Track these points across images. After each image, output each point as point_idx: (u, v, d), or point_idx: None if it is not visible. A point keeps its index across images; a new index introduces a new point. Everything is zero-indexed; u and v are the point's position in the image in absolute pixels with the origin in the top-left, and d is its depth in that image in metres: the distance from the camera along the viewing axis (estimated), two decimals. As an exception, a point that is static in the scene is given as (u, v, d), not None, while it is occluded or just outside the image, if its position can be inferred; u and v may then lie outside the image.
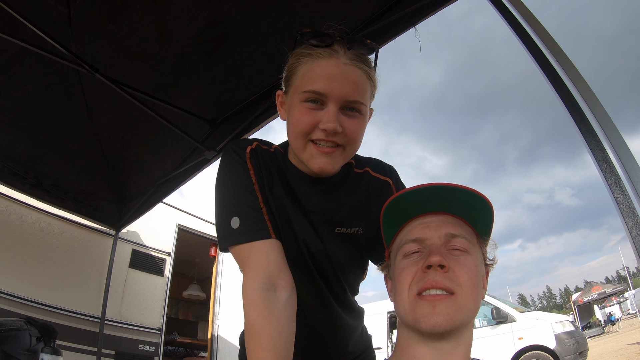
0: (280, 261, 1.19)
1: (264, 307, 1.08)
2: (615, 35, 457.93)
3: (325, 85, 1.16)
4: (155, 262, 6.10)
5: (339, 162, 1.24)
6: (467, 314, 0.98)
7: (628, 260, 71.96)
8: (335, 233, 1.35)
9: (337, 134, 1.18)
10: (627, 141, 1.60)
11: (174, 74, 3.23)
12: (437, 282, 0.97)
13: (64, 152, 4.15)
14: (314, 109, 1.18)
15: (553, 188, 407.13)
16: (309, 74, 1.20)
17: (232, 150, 1.33)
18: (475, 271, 1.02)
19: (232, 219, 1.21)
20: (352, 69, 1.19)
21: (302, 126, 1.19)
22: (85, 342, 4.76)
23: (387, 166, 1.49)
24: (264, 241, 1.19)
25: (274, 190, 1.31)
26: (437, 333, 0.96)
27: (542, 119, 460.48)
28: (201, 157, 3.79)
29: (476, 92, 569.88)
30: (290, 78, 1.28)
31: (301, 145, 1.22)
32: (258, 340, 1.05)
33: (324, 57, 1.20)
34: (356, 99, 1.19)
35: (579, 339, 8.94)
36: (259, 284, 1.11)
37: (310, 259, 1.33)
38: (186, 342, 7.98)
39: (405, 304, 1.00)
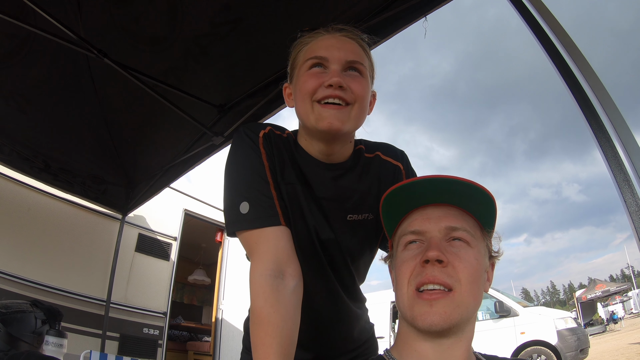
0: (289, 249, 1.18)
1: (272, 294, 1.08)
2: (629, 29, 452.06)
3: (326, 50, 1.25)
4: (162, 246, 6.15)
5: (348, 122, 1.22)
6: (466, 310, 0.97)
7: (633, 259, 71.65)
8: (347, 220, 1.35)
9: (343, 90, 1.20)
10: (638, 139, 1.59)
11: (185, 58, 3.22)
12: (435, 278, 0.95)
13: (72, 137, 4.17)
14: (318, 72, 1.23)
15: (561, 183, 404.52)
16: (310, 48, 1.29)
17: (245, 134, 1.31)
18: (475, 265, 1.00)
19: (241, 203, 1.20)
20: (348, 39, 1.30)
21: (307, 87, 1.22)
22: (90, 324, 4.83)
23: (398, 150, 1.48)
24: (274, 228, 1.18)
25: (286, 176, 1.30)
26: (435, 332, 0.95)
27: (552, 113, 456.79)
28: (209, 143, 3.80)
29: (487, 82, 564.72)
30: (293, 63, 1.35)
31: (309, 108, 1.22)
32: (264, 327, 1.05)
33: (321, 34, 1.30)
34: (355, 59, 1.25)
35: (580, 336, 8.92)
36: (268, 270, 1.11)
37: (320, 246, 1.32)
38: (190, 326, 8.05)
39: (405, 299, 1.00)
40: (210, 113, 3.70)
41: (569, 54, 1.83)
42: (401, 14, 2.69)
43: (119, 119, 4.05)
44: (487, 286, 1.07)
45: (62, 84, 3.54)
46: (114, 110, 3.95)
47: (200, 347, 7.42)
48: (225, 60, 3.24)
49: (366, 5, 2.80)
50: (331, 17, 2.86)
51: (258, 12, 2.85)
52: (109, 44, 2.96)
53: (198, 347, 7.45)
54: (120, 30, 3.00)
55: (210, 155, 4.00)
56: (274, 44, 3.07)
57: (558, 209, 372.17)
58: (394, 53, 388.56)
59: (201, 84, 3.48)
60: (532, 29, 2.01)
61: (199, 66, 3.29)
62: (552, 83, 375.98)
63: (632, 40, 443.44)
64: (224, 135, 3.67)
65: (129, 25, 2.96)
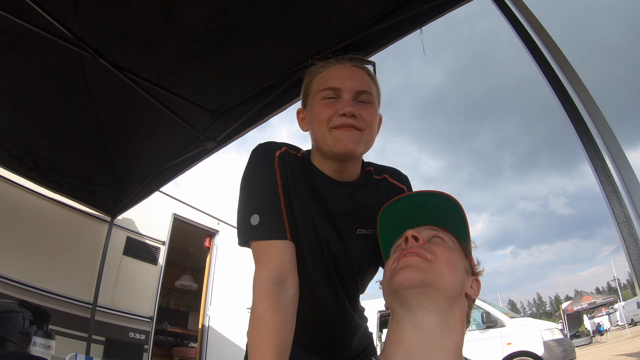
0: (292, 261, 1.27)
1: (274, 299, 1.16)
2: (618, 45, 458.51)
3: (338, 80, 1.35)
4: (150, 250, 6.10)
5: (361, 143, 1.33)
6: (440, 278, 1.03)
7: (619, 271, 72.34)
8: (357, 234, 1.44)
9: (355, 118, 1.31)
10: (626, 152, 1.61)
11: (178, 62, 3.23)
12: (412, 249, 1.08)
13: (64, 136, 4.14)
14: (332, 101, 1.34)
15: (547, 196, 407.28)
16: (323, 78, 1.39)
17: (263, 153, 1.41)
18: (452, 252, 1.11)
19: (252, 215, 1.29)
20: (357, 69, 1.40)
21: (323, 115, 1.33)
22: (76, 327, 4.76)
23: (403, 175, 1.59)
24: (280, 241, 1.27)
25: (299, 193, 1.39)
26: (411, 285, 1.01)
27: (540, 126, 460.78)
28: (201, 147, 3.79)
29: (476, 95, 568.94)
30: (307, 91, 1.46)
31: (326, 133, 1.33)
32: (265, 327, 1.12)
33: (333, 64, 1.41)
34: (365, 89, 1.36)
35: (567, 347, 8.97)
36: (272, 278, 1.19)
37: (329, 257, 1.41)
38: (176, 331, 7.99)
39: (387, 277, 1.11)
40: (203, 117, 3.70)
41: (560, 67, 1.86)
42: (396, 26, 2.73)
43: (111, 120, 4.03)
44: (472, 293, 1.12)
45: (55, 82, 3.52)
46: (106, 111, 3.93)
47: (186, 353, 7.37)
48: (219, 65, 3.24)
49: (361, 16, 2.83)
50: (326, 28, 2.89)
51: (252, 19, 2.87)
52: (103, 44, 2.95)
53: (184, 353, 7.39)
54: (116, 31, 3.00)
55: (201, 159, 3.98)
56: (267, 51, 3.09)
57: (545, 221, 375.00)
58: (385, 63, 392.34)
59: (194, 88, 3.47)
60: (524, 43, 2.04)
61: (192, 71, 3.30)
62: (541, 97, 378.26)
63: (621, 55, 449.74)
64: (217, 140, 3.67)
65: (125, 27, 2.96)
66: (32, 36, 2.98)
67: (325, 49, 2.95)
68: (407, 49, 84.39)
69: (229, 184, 30.91)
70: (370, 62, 1.48)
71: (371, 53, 2.86)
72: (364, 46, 2.88)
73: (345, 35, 2.90)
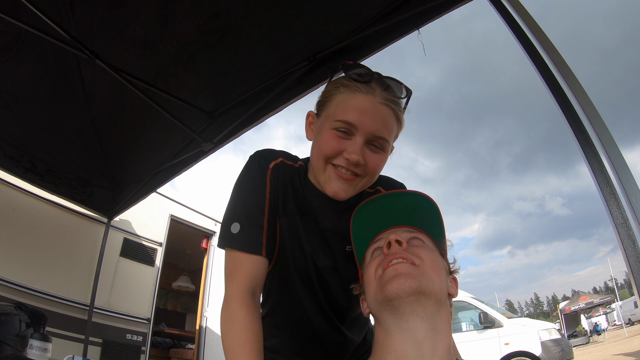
0: (262, 276, 1.30)
1: (251, 307, 1.21)
2: (614, 47, 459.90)
3: (357, 117, 1.22)
4: (147, 251, 6.09)
5: (353, 191, 1.30)
6: (431, 282, 1.02)
7: (616, 271, 72.65)
8: (347, 251, 1.41)
9: (359, 166, 1.24)
10: (623, 154, 1.62)
11: (174, 64, 3.22)
12: (397, 253, 1.06)
13: (60, 138, 4.13)
14: (341, 137, 1.24)
15: (544, 197, 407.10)
16: (344, 104, 1.26)
17: (258, 163, 1.40)
18: (435, 255, 1.11)
19: (233, 223, 1.31)
20: (384, 108, 1.25)
21: (327, 150, 1.25)
22: (73, 329, 4.75)
23: (397, 184, 1.54)
24: (255, 256, 1.28)
25: (287, 208, 1.39)
26: (404, 294, 0.99)
27: (537, 127, 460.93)
28: (198, 149, 3.78)
29: (473, 96, 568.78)
30: (324, 103, 1.34)
31: (322, 166, 1.28)
32: (245, 332, 1.16)
33: (360, 91, 1.26)
34: (383, 136, 1.25)
35: (564, 347, 8.99)
36: (248, 288, 1.24)
37: (315, 272, 1.42)
38: (174, 333, 7.97)
39: (374, 286, 1.08)
40: (200, 119, 3.69)
41: (558, 68, 1.86)
42: (393, 27, 2.72)
43: (108, 121, 4.02)
44: (453, 292, 1.14)
45: (51, 84, 3.51)
46: (103, 112, 3.92)
47: (183, 355, 7.35)
48: (214, 67, 3.24)
49: (358, 19, 2.83)
50: (322, 29, 2.89)
51: (247, 21, 2.86)
52: (100, 45, 2.94)
53: (181, 355, 7.38)
54: (112, 33, 2.99)
55: (198, 161, 3.97)
56: (263, 52, 3.09)
57: (541, 222, 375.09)
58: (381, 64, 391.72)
59: (191, 89, 3.47)
60: (521, 44, 2.04)
61: (188, 72, 3.30)
62: (537, 98, 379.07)
63: (617, 58, 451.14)
64: (213, 141, 3.66)
65: (121, 28, 2.96)
66: (29, 37, 2.97)
67: (321, 51, 2.95)
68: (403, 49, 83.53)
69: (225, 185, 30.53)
70: (406, 91, 1.33)
71: (368, 54, 2.85)
72: (361, 48, 2.88)
73: (341, 37, 2.90)
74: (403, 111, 1.34)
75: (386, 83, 1.28)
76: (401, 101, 1.33)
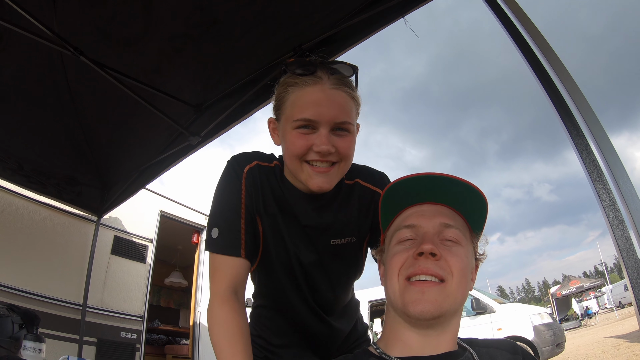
0: (244, 276, 1.35)
1: (233, 305, 1.26)
2: (600, 35, 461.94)
3: (315, 111, 1.26)
4: (138, 248, 6.06)
5: (335, 179, 1.34)
6: (455, 302, 1.01)
7: (606, 255, 73.50)
8: (331, 245, 1.47)
9: (331, 154, 1.28)
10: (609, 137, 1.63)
11: (159, 59, 3.19)
12: (428, 269, 0.99)
13: (46, 137, 4.08)
14: (306, 133, 1.28)
15: (532, 183, 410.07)
16: (298, 102, 1.29)
17: (232, 169, 1.43)
18: (466, 262, 1.05)
19: (213, 229, 1.37)
20: (336, 92, 1.29)
21: (297, 150, 1.28)
22: (66, 329, 4.72)
23: (377, 174, 1.56)
24: (234, 258, 1.33)
25: (268, 208, 1.43)
26: (425, 319, 0.98)
27: (524, 115, 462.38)
28: (185, 143, 3.76)
29: (459, 85, 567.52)
30: (280, 107, 1.37)
31: (297, 167, 1.31)
32: (229, 328, 1.22)
33: (309, 85, 1.29)
34: (344, 120, 1.28)
35: (556, 331, 9.10)
36: (229, 288, 1.29)
37: (299, 268, 1.47)
38: (168, 329, 7.97)
39: (395, 288, 1.03)
40: (187, 113, 3.67)
41: (545, 56, 1.86)
42: (378, 16, 2.71)
43: (94, 119, 3.97)
44: (471, 285, 1.11)
45: (36, 83, 3.45)
46: (88, 110, 3.87)
47: (178, 351, 7.35)
48: (200, 60, 3.22)
49: (344, 8, 2.81)
50: (307, 20, 2.87)
51: (232, 13, 2.83)
52: (84, 43, 2.89)
53: (176, 351, 7.38)
54: (95, 30, 2.94)
55: (187, 155, 3.96)
56: (249, 45, 3.07)
57: (530, 208, 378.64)
58: (367, 54, 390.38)
59: (176, 84, 3.44)
60: (508, 32, 2.05)
61: (173, 66, 3.26)
62: (524, 86, 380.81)
63: (603, 45, 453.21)
64: (201, 135, 3.64)
65: (104, 25, 2.91)
66: (11, 36, 2.92)
67: (307, 41, 2.94)
68: (388, 39, 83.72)
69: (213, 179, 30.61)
70: (352, 69, 1.37)
71: (354, 44, 2.85)
72: (346, 37, 2.87)
73: (326, 27, 2.88)
74: (355, 88, 1.37)
75: (331, 68, 1.32)
76: (351, 79, 1.37)
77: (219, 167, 1.53)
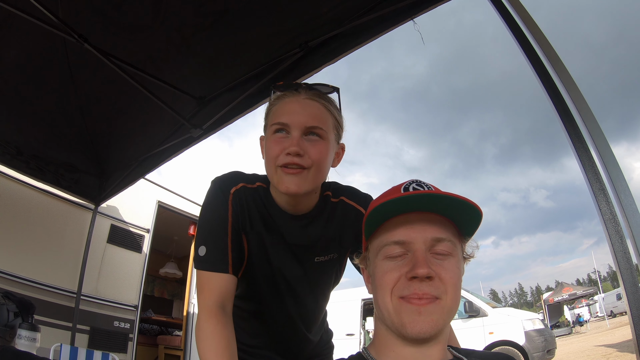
0: (231, 292, 1.40)
1: (221, 319, 1.31)
2: (603, 43, 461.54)
3: (288, 116, 1.37)
4: (134, 238, 6.05)
5: (305, 184, 1.36)
6: (450, 316, 1.00)
7: (600, 264, 73.83)
8: (316, 262, 1.56)
9: (301, 157, 1.33)
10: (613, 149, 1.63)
11: (166, 48, 3.17)
12: (424, 294, 0.96)
13: (47, 124, 4.07)
14: (281, 138, 1.37)
15: (528, 188, 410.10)
16: (277, 111, 1.41)
17: (219, 189, 1.48)
18: (458, 273, 1.02)
19: (200, 247, 1.41)
20: (311, 102, 1.40)
21: (271, 153, 1.36)
22: (60, 317, 4.72)
23: (361, 195, 1.61)
24: (222, 274, 1.38)
25: (254, 227, 1.49)
26: (423, 339, 0.97)
27: (523, 119, 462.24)
28: (187, 135, 3.75)
29: (460, 87, 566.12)
30: (266, 120, 1.48)
31: (273, 172, 1.37)
32: (217, 341, 1.26)
33: (288, 97, 1.42)
34: (315, 125, 1.37)
35: (547, 337, 9.14)
36: (217, 302, 1.34)
37: (284, 284, 1.56)
38: (161, 320, 7.96)
39: (389, 307, 0.99)
40: (189, 105, 3.65)
41: (550, 62, 1.86)
42: (387, 16, 2.70)
43: (95, 107, 3.95)
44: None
45: (38, 69, 3.44)
46: (90, 98, 3.85)
47: (171, 342, 7.34)
48: (207, 52, 3.20)
49: (352, 5, 2.80)
50: (316, 16, 2.86)
51: (243, 4, 2.82)
52: (88, 29, 2.88)
53: (169, 342, 7.37)
54: (101, 16, 2.93)
55: (187, 147, 3.93)
56: (256, 38, 3.06)
57: (526, 213, 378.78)
58: (368, 52, 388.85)
59: (181, 74, 3.42)
60: (514, 35, 2.04)
61: (179, 57, 3.24)
62: (525, 90, 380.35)
63: (606, 53, 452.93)
64: (203, 127, 3.63)
65: (111, 12, 2.89)
66: (14, 21, 2.90)
67: (314, 37, 2.93)
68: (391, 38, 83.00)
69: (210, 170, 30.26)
70: (333, 90, 1.48)
71: (362, 43, 2.84)
72: (353, 36, 2.86)
73: (335, 23, 2.87)
74: (337, 106, 1.48)
75: (311, 86, 1.44)
76: (330, 96, 1.48)
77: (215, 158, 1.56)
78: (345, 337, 10.19)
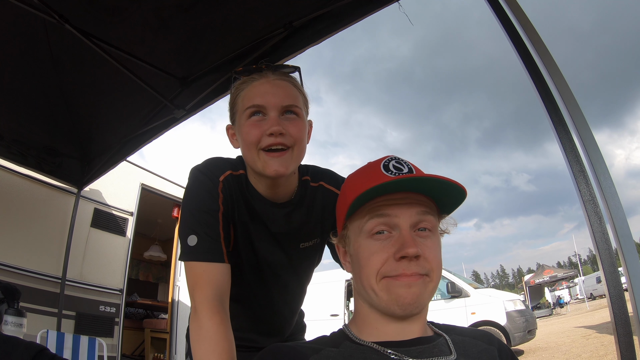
0: (227, 283, 1.34)
1: (223, 316, 1.24)
2: (588, 31, 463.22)
3: (262, 98, 1.35)
4: (117, 221, 6.01)
5: (291, 163, 1.36)
6: (433, 292, 1.02)
7: (580, 247, 75.30)
8: (300, 248, 1.57)
9: (283, 135, 1.33)
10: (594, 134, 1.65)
11: (146, 28, 3.10)
12: (413, 273, 0.96)
13: (27, 107, 3.98)
14: (258, 120, 1.35)
15: (510, 172, 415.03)
16: (247, 95, 1.39)
17: (206, 175, 1.43)
18: (440, 252, 1.04)
19: (190, 236, 1.33)
20: (280, 82, 1.40)
21: (251, 138, 1.34)
22: (45, 303, 4.69)
23: (340, 179, 1.60)
24: (217, 264, 1.32)
25: (240, 215, 1.47)
26: (410, 313, 0.98)
27: (507, 103, 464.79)
28: (169, 116, 3.72)
29: (444, 70, 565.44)
30: (233, 108, 1.46)
31: (255, 156, 1.35)
32: (220, 342, 1.19)
33: (255, 79, 1.40)
34: (290, 103, 1.37)
35: (528, 318, 9.33)
36: (217, 296, 1.27)
37: (269, 270, 1.56)
38: (146, 303, 7.97)
39: (375, 287, 0.99)
40: (172, 86, 3.60)
41: (535, 48, 1.87)
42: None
43: (76, 89, 3.87)
44: None
45: (18, 50, 3.35)
46: (71, 80, 3.77)
47: (157, 325, 7.36)
48: (188, 31, 3.14)
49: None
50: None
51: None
52: (68, 10, 2.81)
53: (155, 325, 7.38)
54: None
55: (169, 128, 3.91)
56: (239, 17, 3.01)
57: (508, 196, 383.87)
58: (352, 33, 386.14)
59: (163, 55, 3.36)
60: (499, 20, 2.04)
61: (160, 37, 3.17)
62: (509, 75, 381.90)
63: (590, 41, 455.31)
64: (186, 108, 3.60)
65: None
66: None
67: (298, 18, 2.91)
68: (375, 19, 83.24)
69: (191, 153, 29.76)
70: (295, 69, 1.48)
71: (347, 24, 2.82)
72: (339, 17, 2.84)
73: (320, 3, 2.85)
74: (301, 83, 1.48)
75: (275, 67, 1.43)
76: (293, 75, 1.47)
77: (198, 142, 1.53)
78: (330, 318, 10.28)
